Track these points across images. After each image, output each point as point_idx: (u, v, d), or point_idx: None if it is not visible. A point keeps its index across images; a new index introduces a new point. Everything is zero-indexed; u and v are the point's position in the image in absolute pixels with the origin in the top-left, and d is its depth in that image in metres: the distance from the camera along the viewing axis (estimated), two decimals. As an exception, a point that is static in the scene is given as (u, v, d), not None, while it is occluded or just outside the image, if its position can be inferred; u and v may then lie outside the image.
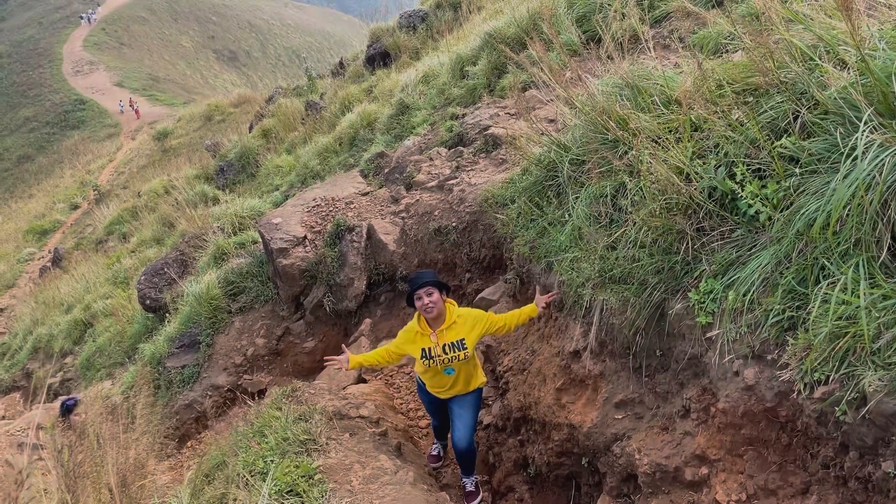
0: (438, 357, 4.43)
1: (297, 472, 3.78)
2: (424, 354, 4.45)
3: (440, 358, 4.44)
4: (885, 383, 2.43)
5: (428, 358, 4.45)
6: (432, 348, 4.44)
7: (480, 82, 8.78)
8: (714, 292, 3.34)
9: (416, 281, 4.47)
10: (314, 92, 17.96)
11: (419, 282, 4.44)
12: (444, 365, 4.48)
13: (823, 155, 2.90)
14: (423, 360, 4.46)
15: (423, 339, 4.46)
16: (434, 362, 4.45)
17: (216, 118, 32.95)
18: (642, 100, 4.04)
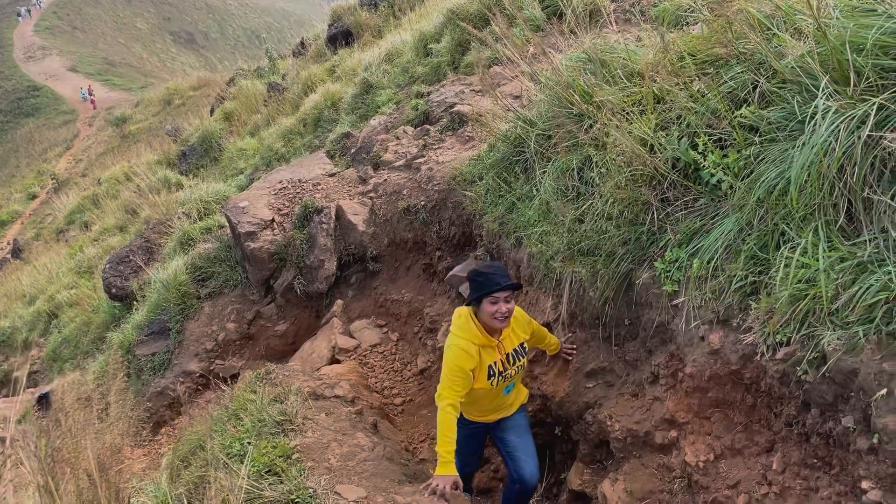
0: (504, 373, 3.60)
1: (274, 452, 3.80)
2: (491, 372, 3.54)
3: (506, 373, 3.61)
4: (843, 342, 2.53)
5: (493, 376, 3.55)
6: (498, 361, 3.56)
7: (445, 60, 8.75)
8: (679, 261, 3.42)
9: (490, 281, 3.50)
10: (275, 73, 17.70)
11: (497, 284, 3.49)
12: (508, 381, 3.65)
13: (782, 123, 2.98)
14: (490, 378, 3.55)
15: (489, 352, 3.54)
16: (497, 380, 3.58)
17: (176, 102, 32.27)
18: (606, 73, 4.08)
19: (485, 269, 3.66)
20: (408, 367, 6.09)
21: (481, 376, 3.54)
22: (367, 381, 5.88)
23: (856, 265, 2.53)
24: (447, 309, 6.07)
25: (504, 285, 3.52)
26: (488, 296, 3.51)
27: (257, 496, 3.43)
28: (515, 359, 3.67)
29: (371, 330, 6.55)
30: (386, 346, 6.37)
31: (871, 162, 2.53)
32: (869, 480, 2.49)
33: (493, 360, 3.56)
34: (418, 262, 6.75)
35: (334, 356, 6.24)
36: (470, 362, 3.47)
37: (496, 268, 3.66)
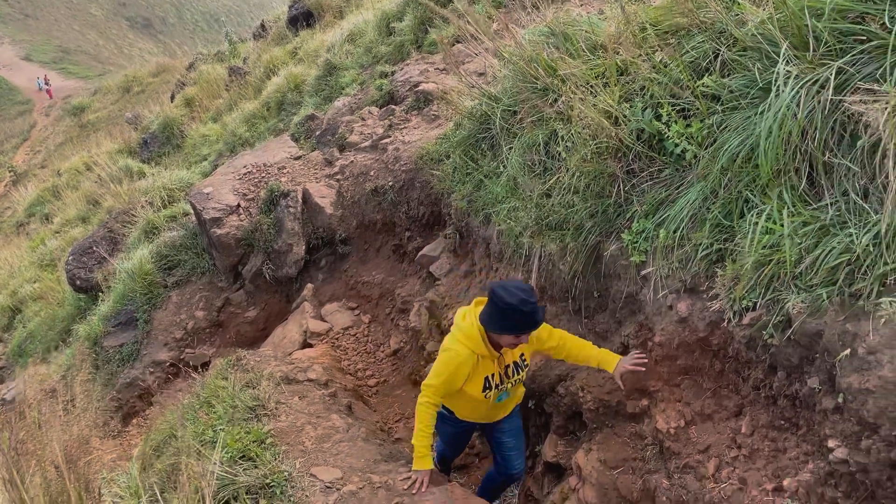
0: (499, 386, 3.44)
1: (248, 437, 3.76)
2: (487, 385, 3.38)
3: (502, 386, 3.45)
4: (807, 305, 2.58)
5: (489, 388, 3.40)
6: (495, 374, 3.39)
7: (408, 38, 8.65)
8: (646, 231, 3.44)
9: (527, 323, 3.17)
10: (236, 57, 17.37)
11: (534, 326, 3.22)
12: (501, 392, 3.49)
13: (743, 91, 2.99)
14: (484, 391, 3.40)
15: (487, 364, 3.35)
16: (492, 393, 3.43)
17: (135, 89, 31.51)
18: (569, 46, 4.07)
19: (524, 305, 3.08)
20: (381, 349, 6.07)
21: (475, 386, 3.36)
22: (341, 363, 5.85)
23: (818, 229, 2.56)
24: (418, 289, 6.06)
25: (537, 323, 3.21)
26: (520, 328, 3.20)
27: (231, 481, 3.40)
28: (515, 372, 3.48)
29: (342, 313, 6.51)
30: (358, 329, 6.35)
31: (832, 126, 2.56)
32: (835, 439, 2.54)
33: (490, 373, 3.37)
34: (388, 244, 6.72)
35: (306, 340, 6.20)
36: (463, 370, 3.30)
37: (533, 304, 3.11)
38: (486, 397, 3.44)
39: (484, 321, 3.23)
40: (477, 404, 3.50)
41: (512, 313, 3.10)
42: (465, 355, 3.28)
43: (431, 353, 5.41)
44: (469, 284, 5.32)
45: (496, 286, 3.18)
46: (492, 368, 3.37)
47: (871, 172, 2.45)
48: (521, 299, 3.08)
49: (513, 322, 3.15)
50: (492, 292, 3.18)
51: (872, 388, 2.34)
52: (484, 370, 3.35)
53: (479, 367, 3.33)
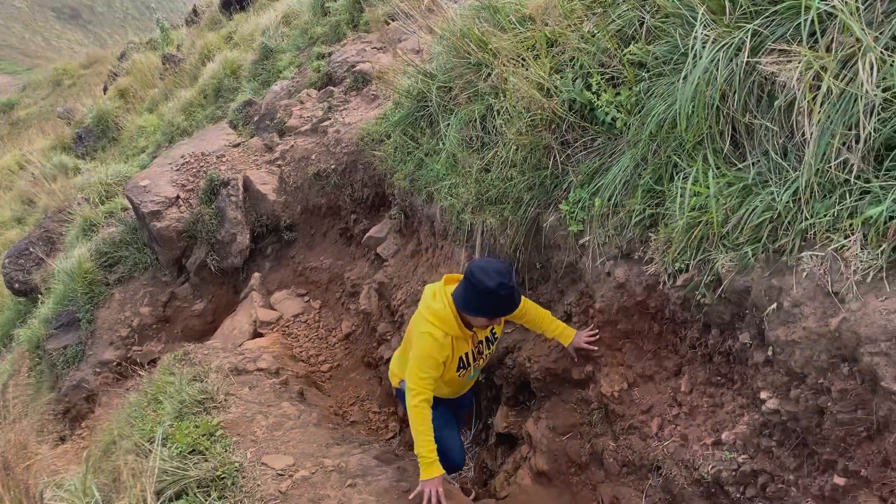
0: (474, 363, 3.42)
1: (197, 431, 3.72)
2: (462, 364, 3.34)
3: (476, 364, 3.43)
4: (734, 263, 2.66)
5: (464, 367, 3.36)
6: (470, 353, 3.35)
7: (343, 18, 8.52)
8: (582, 201, 3.48)
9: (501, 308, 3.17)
10: (170, 44, 16.85)
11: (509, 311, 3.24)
12: (475, 369, 3.48)
13: (667, 57, 3.04)
14: (459, 370, 3.35)
15: (462, 344, 3.29)
16: (467, 371, 3.40)
17: (66, 83, 30.32)
18: (500, 19, 4.06)
19: (502, 290, 3.03)
20: (332, 334, 6.04)
21: (451, 368, 3.31)
22: (292, 351, 5.81)
23: (742, 189, 2.64)
24: (367, 272, 6.04)
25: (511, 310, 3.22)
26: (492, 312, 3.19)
27: (182, 476, 3.36)
28: (486, 347, 3.46)
29: (292, 300, 6.45)
30: (309, 315, 6.30)
31: (750, 88, 2.62)
32: (767, 391, 2.64)
33: (464, 352, 3.32)
34: (334, 228, 6.66)
35: (256, 330, 6.13)
36: (443, 353, 3.19)
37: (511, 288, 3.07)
38: (461, 376, 3.41)
39: (458, 302, 3.14)
40: (450, 383, 3.43)
41: (489, 297, 3.04)
42: (440, 336, 3.17)
43: (383, 334, 5.42)
44: (416, 264, 5.32)
45: (475, 268, 3.08)
46: (466, 347, 3.32)
47: (789, 131, 2.52)
48: (499, 283, 3.02)
49: (490, 306, 3.12)
50: (470, 274, 3.08)
51: (798, 340, 2.43)
52: (458, 350, 3.29)
53: (455, 348, 3.26)
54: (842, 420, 2.37)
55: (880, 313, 2.17)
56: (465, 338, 3.29)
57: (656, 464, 3.11)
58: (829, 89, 2.29)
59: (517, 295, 3.15)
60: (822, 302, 2.36)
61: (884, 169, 2.25)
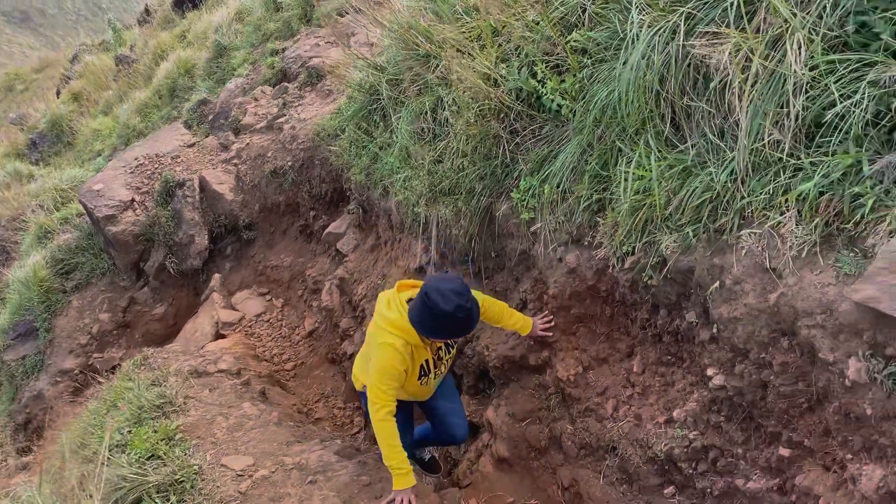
0: (435, 370, 3.35)
1: (156, 436, 3.68)
2: (423, 371, 3.27)
3: (437, 370, 3.37)
4: (678, 244, 2.70)
5: (426, 374, 3.30)
6: (430, 360, 3.28)
7: (296, 13, 8.44)
8: (532, 188, 3.51)
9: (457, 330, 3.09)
10: (122, 45, 16.51)
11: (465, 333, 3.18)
12: (437, 376, 3.41)
13: (608, 43, 3.06)
14: (421, 378, 3.29)
15: (421, 351, 3.21)
16: (429, 378, 3.33)
17: (18, 88, 29.53)
18: (445, 10, 4.06)
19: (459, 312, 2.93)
20: (296, 332, 6.01)
21: (412, 376, 3.24)
22: (255, 351, 5.77)
23: (682, 170, 2.68)
24: (328, 268, 6.01)
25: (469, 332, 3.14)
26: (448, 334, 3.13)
27: (141, 482, 3.33)
28: (447, 352, 3.38)
29: (254, 300, 6.40)
30: (271, 314, 6.26)
31: (686, 71, 2.65)
32: (713, 367, 2.70)
33: (424, 359, 3.24)
34: (294, 225, 6.62)
35: (219, 332, 6.08)
36: (404, 363, 3.10)
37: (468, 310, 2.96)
38: (424, 384, 3.33)
39: (414, 322, 3.04)
40: (411, 390, 3.36)
41: (446, 320, 2.95)
42: (399, 346, 3.07)
43: (346, 329, 5.41)
44: (376, 258, 5.31)
45: (430, 289, 2.96)
46: (426, 354, 3.23)
47: (725, 112, 2.56)
48: (456, 305, 2.91)
49: (447, 329, 3.04)
50: (425, 296, 2.97)
51: (740, 316, 2.49)
52: (419, 358, 3.21)
53: (415, 356, 3.18)
54: (784, 392, 2.43)
55: (815, 287, 2.23)
56: (425, 346, 3.20)
57: (612, 444, 3.16)
58: (759, 70, 2.33)
59: (475, 313, 3.04)
60: (761, 278, 2.41)
61: (814, 146, 2.30)
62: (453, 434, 3.60)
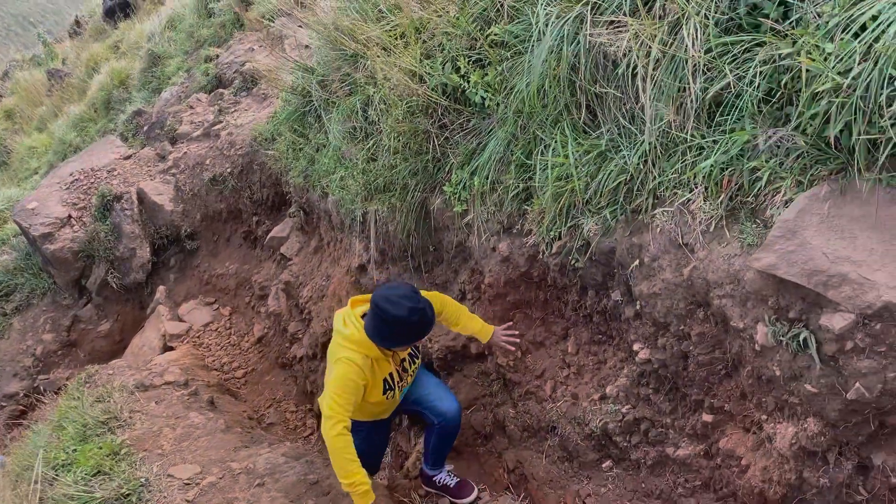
0: (400, 383, 3.26)
1: (101, 452, 3.64)
2: (387, 386, 3.17)
3: (402, 383, 3.27)
4: (599, 226, 2.80)
5: (390, 389, 3.19)
6: (394, 373, 3.19)
7: (228, 18, 8.35)
8: (463, 181, 3.57)
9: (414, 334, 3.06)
10: (54, 59, 16.08)
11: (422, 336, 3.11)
12: (402, 389, 3.31)
13: (524, 35, 3.15)
14: (385, 393, 3.18)
15: (384, 365, 3.13)
16: (394, 392, 3.23)
17: (-53, 108, 28.50)
18: (369, 9, 4.10)
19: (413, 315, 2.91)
20: (245, 339, 5.99)
21: (376, 392, 3.14)
22: (204, 361, 5.72)
23: (598, 155, 2.78)
24: (274, 272, 5.99)
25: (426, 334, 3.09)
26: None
27: (88, 499, 3.30)
28: (412, 363, 3.31)
29: (201, 310, 6.34)
30: (219, 323, 6.21)
31: (596, 59, 2.75)
32: (639, 342, 2.81)
33: (388, 373, 3.15)
34: (237, 232, 6.58)
35: (166, 344, 6.01)
36: (363, 377, 3.03)
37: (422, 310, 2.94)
38: (389, 398, 3.23)
39: (372, 336, 3.00)
40: (379, 405, 3.27)
41: (402, 326, 2.93)
42: (359, 360, 3.00)
43: (294, 333, 5.41)
44: (320, 259, 5.32)
45: (379, 299, 2.95)
46: (389, 367, 3.15)
47: (634, 97, 2.67)
48: (408, 309, 2.89)
49: (404, 335, 3.01)
50: (375, 306, 2.95)
51: (659, 292, 2.60)
52: (381, 372, 3.12)
53: (377, 371, 3.10)
54: (703, 361, 2.55)
55: (723, 259, 2.34)
56: (386, 358, 3.13)
57: (552, 424, 3.26)
58: (659, 55, 2.44)
59: (430, 313, 3.00)
60: (675, 254, 2.53)
61: (714, 125, 2.42)
62: (441, 407, 3.41)
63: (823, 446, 2.24)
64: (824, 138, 2.08)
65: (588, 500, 3.03)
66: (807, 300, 2.12)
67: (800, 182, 2.17)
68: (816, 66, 2.01)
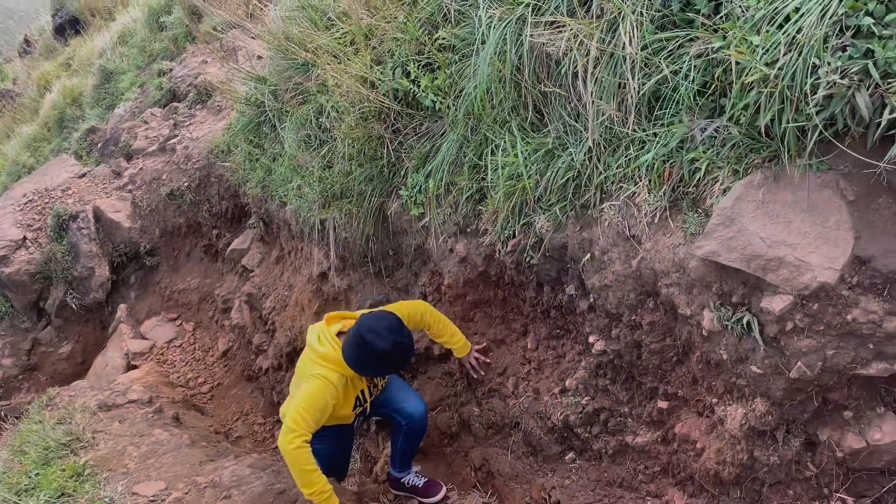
0: (371, 399, 3.30)
1: (64, 474, 3.59)
2: (358, 403, 3.20)
3: (371, 400, 3.31)
4: (550, 222, 2.86)
5: (360, 405, 3.22)
6: (365, 389, 3.21)
7: (180, 31, 8.28)
8: (419, 185, 3.61)
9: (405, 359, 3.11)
10: (5, 79, 15.75)
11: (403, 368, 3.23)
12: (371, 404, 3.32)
13: (470, 38, 3.19)
14: (356, 409, 3.21)
15: (357, 383, 3.15)
16: (363, 407, 3.27)
17: None
18: (317, 18, 4.11)
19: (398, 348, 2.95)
20: (210, 353, 5.93)
21: (346, 407, 3.15)
22: (169, 377, 5.66)
23: (545, 153, 2.84)
24: (236, 285, 5.95)
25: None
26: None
27: (52, 524, 3.26)
28: (381, 379, 3.33)
29: (163, 326, 6.27)
30: (183, 338, 6.15)
31: (539, 59, 2.81)
32: (594, 335, 2.87)
33: (360, 389, 3.16)
34: (197, 246, 6.52)
35: (130, 363, 5.92)
36: (335, 397, 3.02)
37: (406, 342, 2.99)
38: (356, 412, 3.23)
39: (352, 364, 2.99)
40: (348, 417, 3.26)
41: (386, 359, 2.97)
42: (335, 379, 3.00)
43: (259, 345, 5.38)
44: (282, 269, 5.31)
45: (364, 330, 2.94)
46: (361, 384, 3.16)
47: (577, 95, 2.73)
48: (393, 342, 2.92)
49: (387, 366, 3.05)
50: (360, 338, 2.94)
51: (610, 283, 2.66)
52: (355, 389, 3.14)
53: (350, 389, 3.11)
54: (655, 349, 2.61)
55: (669, 248, 2.41)
56: (360, 377, 3.13)
57: (516, 420, 3.30)
58: (598, 53, 2.50)
59: (411, 344, 3.04)
60: (624, 246, 2.59)
61: (654, 119, 2.49)
62: (406, 408, 3.40)
63: (771, 425, 2.31)
64: (756, 128, 2.16)
65: (553, 492, 3.08)
66: (748, 284, 2.19)
67: (736, 171, 2.24)
68: (745, 59, 2.09)
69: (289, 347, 4.85)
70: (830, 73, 1.91)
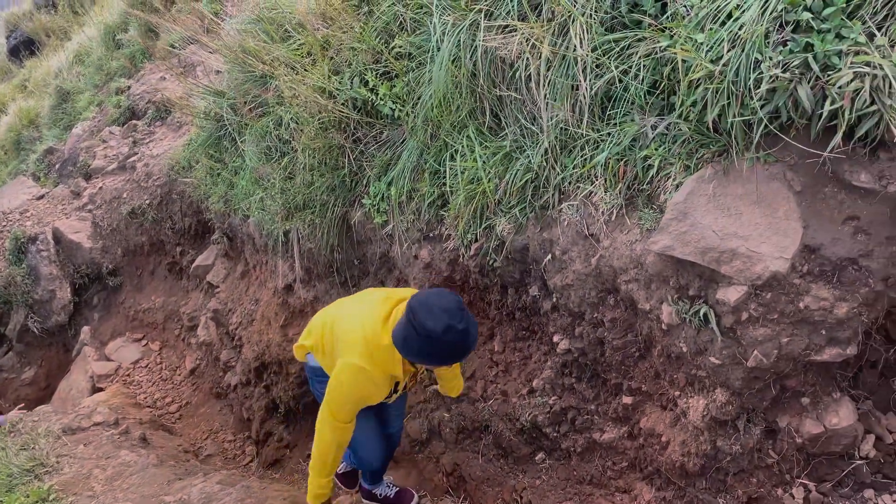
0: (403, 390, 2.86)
1: (27, 500, 3.50)
2: (394, 389, 2.74)
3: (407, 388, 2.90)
4: (511, 225, 2.88)
5: (395, 392, 2.77)
6: (401, 382, 2.74)
7: (137, 49, 8.19)
8: (381, 192, 3.61)
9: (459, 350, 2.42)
10: (-42, 102, 15.38)
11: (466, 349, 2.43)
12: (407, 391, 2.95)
13: (425, 46, 3.22)
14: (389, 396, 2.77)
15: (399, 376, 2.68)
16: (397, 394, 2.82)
17: None
18: (273, 31, 4.11)
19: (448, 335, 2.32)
20: (177, 372, 5.84)
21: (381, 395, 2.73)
22: (136, 398, 5.56)
23: (504, 157, 2.86)
24: (202, 302, 5.88)
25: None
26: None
27: (15, 552, 3.17)
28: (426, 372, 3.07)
29: (128, 347, 6.16)
30: (149, 358, 6.05)
31: (494, 64, 2.84)
32: (558, 334, 2.90)
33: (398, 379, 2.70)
34: (161, 264, 6.43)
35: (95, 385, 5.81)
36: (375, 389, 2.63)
37: (462, 331, 2.34)
38: (389, 400, 2.84)
39: (398, 344, 2.47)
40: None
41: (434, 344, 2.35)
42: (378, 378, 2.58)
43: (227, 361, 5.32)
44: (248, 284, 5.26)
45: (417, 304, 2.40)
46: (402, 378, 2.71)
47: (532, 98, 2.76)
48: (446, 325, 2.31)
49: (436, 354, 2.43)
50: (411, 312, 2.40)
51: (571, 283, 2.69)
52: (394, 381, 2.70)
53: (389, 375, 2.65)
54: (617, 346, 2.65)
55: (626, 245, 2.45)
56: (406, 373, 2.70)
57: (485, 423, 3.31)
58: (550, 56, 2.54)
59: (472, 337, 2.41)
60: (583, 245, 2.62)
61: (607, 118, 2.53)
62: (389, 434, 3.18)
63: (732, 415, 2.35)
64: (705, 123, 2.22)
65: (525, 493, 3.09)
66: (703, 277, 2.24)
67: (687, 166, 2.29)
68: (691, 56, 2.14)
69: (256, 362, 4.80)
70: (773, 68, 1.96)
